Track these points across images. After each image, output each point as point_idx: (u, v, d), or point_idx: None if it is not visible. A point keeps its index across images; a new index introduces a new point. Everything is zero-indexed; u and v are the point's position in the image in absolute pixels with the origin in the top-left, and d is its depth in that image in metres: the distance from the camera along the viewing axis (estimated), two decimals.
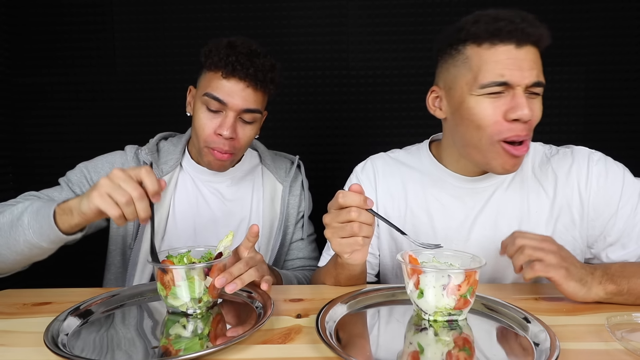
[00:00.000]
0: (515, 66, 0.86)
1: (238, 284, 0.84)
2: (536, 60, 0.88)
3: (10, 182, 1.90)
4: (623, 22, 1.81)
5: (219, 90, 1.06)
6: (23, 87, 1.88)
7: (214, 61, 1.06)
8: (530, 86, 0.87)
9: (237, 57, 1.04)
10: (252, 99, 1.08)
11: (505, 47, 0.86)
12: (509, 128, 0.88)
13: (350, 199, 0.80)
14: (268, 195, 1.25)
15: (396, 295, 0.89)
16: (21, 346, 0.73)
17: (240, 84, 1.06)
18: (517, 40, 0.86)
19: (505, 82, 0.86)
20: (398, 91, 1.88)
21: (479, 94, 0.89)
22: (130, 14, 1.87)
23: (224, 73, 1.06)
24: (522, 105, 0.86)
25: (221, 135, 1.07)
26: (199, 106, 1.10)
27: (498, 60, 0.86)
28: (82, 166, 1.16)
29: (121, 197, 0.78)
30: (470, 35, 0.89)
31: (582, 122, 1.86)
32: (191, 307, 0.83)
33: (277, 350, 0.70)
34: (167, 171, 1.17)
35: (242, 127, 1.11)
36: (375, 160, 1.18)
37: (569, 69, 1.84)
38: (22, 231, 0.88)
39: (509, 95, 0.88)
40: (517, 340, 0.72)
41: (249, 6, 1.86)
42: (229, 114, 1.07)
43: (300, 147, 1.90)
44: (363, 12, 1.86)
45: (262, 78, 1.07)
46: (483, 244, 1.03)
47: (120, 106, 1.90)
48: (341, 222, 0.80)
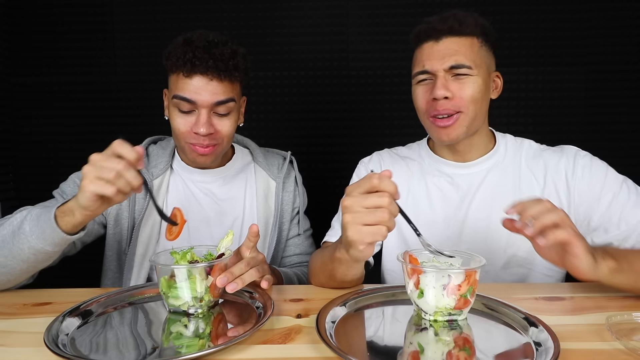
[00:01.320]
0: (433, 56, 1.04)
1: (239, 283, 0.84)
2: (457, 47, 1.03)
3: (10, 182, 1.90)
4: (623, 22, 1.81)
5: (185, 90, 1.05)
6: (23, 87, 1.89)
7: (173, 62, 1.05)
8: (449, 69, 1.03)
9: (194, 52, 1.03)
10: (220, 90, 1.06)
11: (427, 44, 1.06)
12: (432, 106, 1.05)
13: (387, 183, 0.74)
14: (261, 193, 1.24)
15: (396, 295, 0.89)
16: (21, 346, 0.73)
17: (204, 79, 1.04)
18: (434, 37, 1.05)
19: (425, 70, 1.05)
20: (398, 91, 1.88)
21: (414, 83, 1.11)
22: (130, 14, 1.87)
23: (184, 72, 1.04)
24: (438, 86, 1.03)
25: (198, 133, 1.07)
26: (172, 109, 1.10)
27: (422, 54, 1.07)
28: (74, 176, 1.15)
29: (109, 173, 0.79)
30: (411, 41, 1.12)
31: (582, 122, 1.86)
32: (192, 307, 0.83)
33: (277, 350, 0.70)
34: (158, 174, 1.17)
35: (219, 120, 1.09)
36: (381, 154, 1.28)
37: (569, 69, 1.84)
38: (25, 239, 0.88)
39: (433, 81, 1.05)
40: (517, 340, 0.72)
41: (249, 6, 1.86)
42: (202, 111, 1.06)
43: (300, 147, 1.90)
44: (363, 12, 1.86)
45: (224, 67, 1.04)
46: (478, 224, 1.10)
47: (120, 106, 1.90)
48: (368, 206, 0.74)
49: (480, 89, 1.04)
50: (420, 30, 1.07)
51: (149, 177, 1.15)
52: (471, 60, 1.03)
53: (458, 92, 1.03)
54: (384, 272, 1.21)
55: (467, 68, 1.02)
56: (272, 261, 1.24)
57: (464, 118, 1.04)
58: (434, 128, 1.07)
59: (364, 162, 1.27)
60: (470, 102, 1.03)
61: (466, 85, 1.03)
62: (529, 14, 1.83)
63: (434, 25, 1.04)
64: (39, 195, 1.13)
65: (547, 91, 1.86)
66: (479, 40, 1.05)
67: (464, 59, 1.02)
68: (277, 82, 1.89)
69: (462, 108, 1.03)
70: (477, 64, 1.03)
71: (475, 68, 1.03)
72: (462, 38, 1.04)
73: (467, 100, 1.03)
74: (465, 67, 1.02)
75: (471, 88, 1.03)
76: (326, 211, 1.27)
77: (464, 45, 1.03)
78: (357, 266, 0.91)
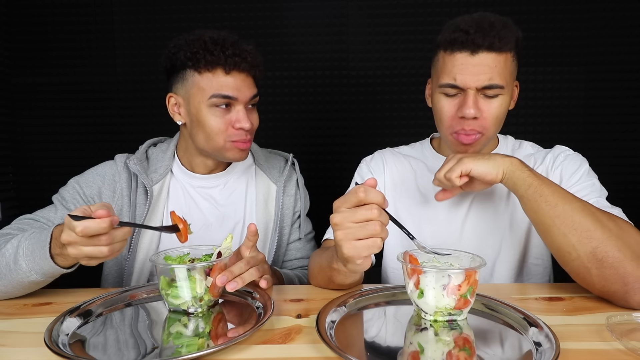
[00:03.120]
0: (467, 71, 0.98)
1: (239, 282, 0.84)
2: (493, 64, 0.97)
3: (10, 182, 1.90)
4: (623, 22, 1.81)
5: (226, 88, 1.05)
6: (22, 87, 1.89)
7: (209, 60, 1.04)
8: (482, 89, 0.98)
9: (231, 50, 1.04)
10: (252, 86, 1.10)
11: (461, 54, 0.98)
12: (458, 123, 1.01)
13: (373, 195, 0.73)
14: (261, 197, 1.22)
15: (396, 295, 0.89)
16: (21, 346, 0.73)
17: (242, 75, 1.07)
18: (470, 49, 0.97)
19: (456, 85, 0.99)
20: (398, 91, 1.89)
21: (438, 92, 1.04)
22: (130, 14, 1.87)
23: (226, 69, 1.05)
24: (468, 105, 0.98)
25: (242, 128, 1.08)
26: (206, 111, 1.07)
27: (454, 65, 0.99)
28: (73, 182, 1.13)
29: (99, 253, 0.78)
30: (439, 42, 1.03)
31: (582, 122, 1.86)
32: (192, 306, 0.83)
33: (278, 350, 0.70)
34: (157, 179, 1.15)
35: (251, 115, 1.12)
36: (383, 152, 1.28)
37: (569, 69, 1.84)
38: (24, 274, 0.87)
39: (462, 96, 1.00)
40: (517, 340, 0.72)
41: (249, 6, 1.86)
42: (241, 107, 1.07)
43: (300, 147, 1.91)
44: (363, 12, 1.86)
45: (255, 64, 1.09)
46: (479, 219, 1.13)
47: (119, 106, 1.90)
48: (358, 221, 0.73)
49: (505, 107, 1.02)
50: (456, 38, 0.99)
51: (149, 182, 1.13)
52: (504, 79, 0.99)
53: (486, 112, 1.00)
54: (386, 270, 1.22)
55: (499, 88, 0.99)
56: (272, 265, 1.23)
57: (484, 140, 1.04)
58: (455, 143, 1.05)
59: (366, 160, 1.27)
60: (494, 123, 1.02)
61: (494, 104, 1.00)
62: (529, 14, 1.83)
63: (473, 39, 0.97)
64: (39, 196, 1.14)
65: (547, 91, 1.86)
66: (512, 54, 1.01)
67: (498, 78, 0.98)
68: (277, 82, 1.89)
69: (485, 130, 1.01)
70: (507, 81, 1.00)
71: (506, 87, 1.00)
72: (499, 55, 0.98)
73: (491, 120, 1.01)
74: (498, 87, 0.98)
75: (498, 108, 1.00)
76: (326, 211, 1.27)
77: (499, 62, 0.98)
78: (356, 274, 0.93)
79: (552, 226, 0.86)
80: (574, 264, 0.85)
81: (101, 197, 1.11)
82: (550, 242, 0.88)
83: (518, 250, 1.12)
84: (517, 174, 0.90)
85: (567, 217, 0.84)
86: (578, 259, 0.83)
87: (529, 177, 0.89)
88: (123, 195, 1.12)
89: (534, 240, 1.12)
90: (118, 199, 1.12)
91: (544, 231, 0.88)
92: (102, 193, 1.12)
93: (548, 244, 0.90)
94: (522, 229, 1.12)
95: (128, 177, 1.13)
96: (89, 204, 1.05)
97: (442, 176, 0.97)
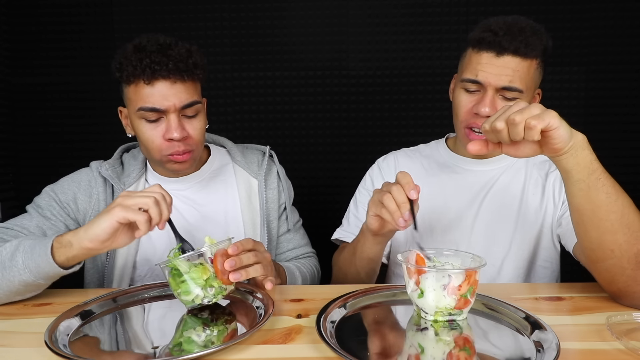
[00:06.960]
0: (489, 70, 1.01)
1: (243, 274, 0.83)
2: (516, 68, 1.00)
3: (10, 182, 1.90)
4: (623, 22, 1.81)
5: (150, 99, 0.99)
6: (23, 87, 1.88)
7: (129, 72, 0.99)
8: (501, 89, 1.01)
9: (150, 57, 0.97)
10: (185, 92, 1.02)
11: (487, 54, 1.01)
12: (472, 118, 1.05)
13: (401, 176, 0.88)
14: (244, 194, 1.20)
15: (396, 295, 0.89)
16: (22, 346, 0.73)
17: (167, 83, 0.99)
18: (496, 50, 1.00)
19: (478, 80, 1.02)
20: (397, 91, 1.88)
21: (460, 87, 1.07)
22: (130, 14, 1.87)
23: (145, 79, 0.99)
24: (485, 103, 1.01)
25: (172, 139, 1.02)
26: (137, 123, 1.04)
27: (479, 62, 1.02)
28: (48, 189, 1.12)
29: (145, 199, 0.83)
30: (469, 39, 1.07)
31: (582, 122, 1.86)
32: (205, 297, 0.82)
33: (278, 350, 0.70)
34: (130, 183, 1.14)
35: (189, 123, 1.05)
36: (396, 154, 1.30)
37: (569, 69, 1.84)
38: (17, 272, 0.86)
39: (481, 94, 1.03)
40: (517, 340, 0.72)
41: (249, 6, 1.86)
42: (171, 117, 1.01)
43: (300, 147, 1.91)
44: (363, 12, 1.86)
45: (185, 67, 1.00)
46: (490, 217, 1.13)
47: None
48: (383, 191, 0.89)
49: None
50: (484, 38, 1.01)
51: (121, 187, 1.12)
52: (524, 84, 1.00)
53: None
54: (394, 267, 1.23)
55: (518, 92, 1.00)
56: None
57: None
58: (466, 139, 1.07)
59: (379, 160, 1.30)
60: None
61: None
62: (529, 14, 1.82)
63: (500, 41, 0.99)
64: None
65: (547, 91, 1.85)
66: (537, 62, 1.02)
67: (519, 82, 1.00)
68: (277, 82, 1.89)
69: None
70: (528, 87, 1.01)
71: (526, 92, 1.01)
72: (524, 60, 1.00)
73: None
74: (517, 90, 1.00)
75: None
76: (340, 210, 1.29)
77: (522, 67, 1.00)
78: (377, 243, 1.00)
79: (604, 220, 0.78)
80: (610, 262, 0.80)
81: (77, 203, 1.10)
82: (592, 236, 0.80)
83: (527, 252, 1.11)
84: (585, 154, 0.78)
85: (625, 214, 0.77)
86: (617, 258, 0.79)
87: (595, 162, 0.78)
88: (99, 200, 1.11)
89: (544, 243, 1.12)
90: (95, 204, 1.11)
91: (591, 224, 0.79)
92: (78, 199, 1.10)
93: (587, 238, 0.81)
94: (533, 230, 1.11)
95: (103, 182, 1.12)
96: (65, 210, 1.08)
97: (521, 119, 0.73)
